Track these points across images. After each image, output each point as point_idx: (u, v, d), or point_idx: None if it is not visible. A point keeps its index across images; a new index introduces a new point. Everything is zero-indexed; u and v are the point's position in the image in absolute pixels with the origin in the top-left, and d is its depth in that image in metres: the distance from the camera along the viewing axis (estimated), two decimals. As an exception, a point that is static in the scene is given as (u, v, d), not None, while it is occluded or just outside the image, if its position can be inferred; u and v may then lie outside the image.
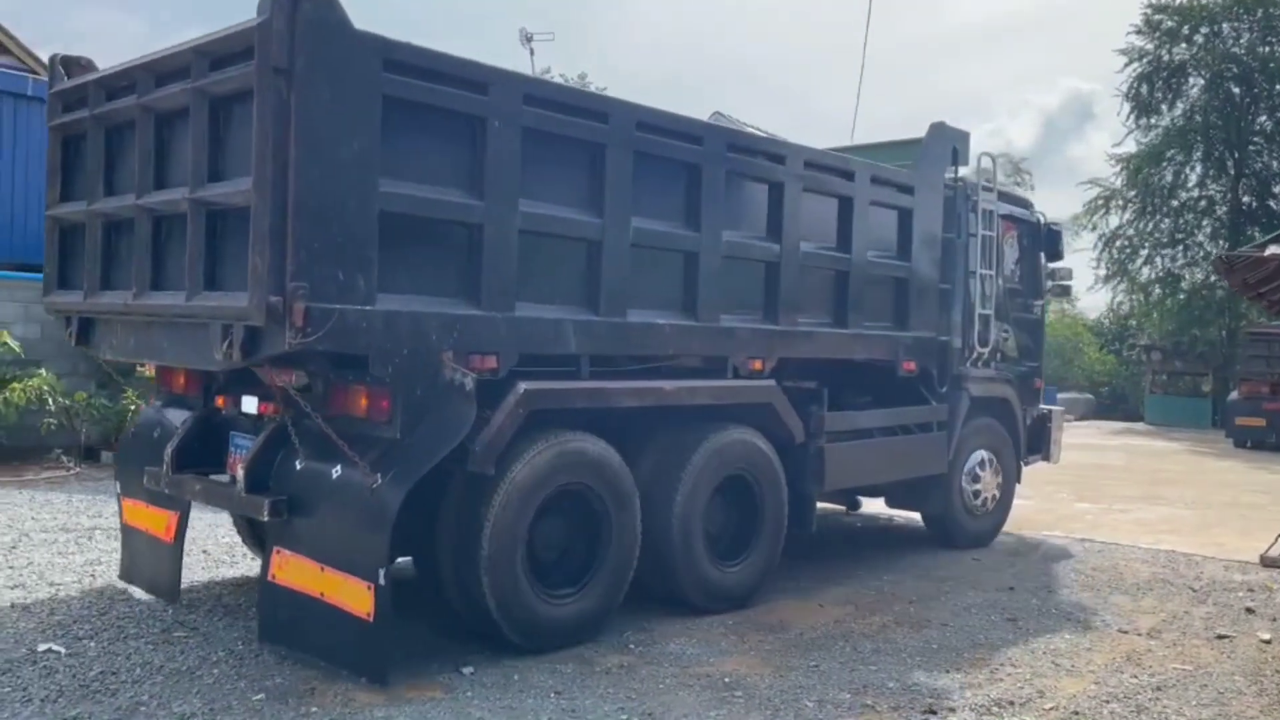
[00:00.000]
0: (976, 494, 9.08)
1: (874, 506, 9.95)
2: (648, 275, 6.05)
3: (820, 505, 7.81)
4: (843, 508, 9.82)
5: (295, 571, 5.08)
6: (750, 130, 9.10)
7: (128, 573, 6.54)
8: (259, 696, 4.75)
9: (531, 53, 27.77)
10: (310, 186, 4.49)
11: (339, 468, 4.99)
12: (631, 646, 5.74)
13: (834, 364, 7.68)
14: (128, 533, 6.51)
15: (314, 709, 4.60)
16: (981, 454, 9.14)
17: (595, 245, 5.74)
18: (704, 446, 6.44)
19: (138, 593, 6.44)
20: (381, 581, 4.67)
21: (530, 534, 5.48)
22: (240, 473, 5.30)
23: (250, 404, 5.46)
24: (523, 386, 5.37)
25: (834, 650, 5.88)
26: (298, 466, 5.17)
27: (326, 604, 4.90)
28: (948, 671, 5.58)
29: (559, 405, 5.59)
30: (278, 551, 5.17)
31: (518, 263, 5.32)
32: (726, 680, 5.25)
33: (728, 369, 6.71)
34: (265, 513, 5.05)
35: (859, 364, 7.94)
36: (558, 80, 25.10)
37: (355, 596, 4.77)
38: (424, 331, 4.96)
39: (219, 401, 5.76)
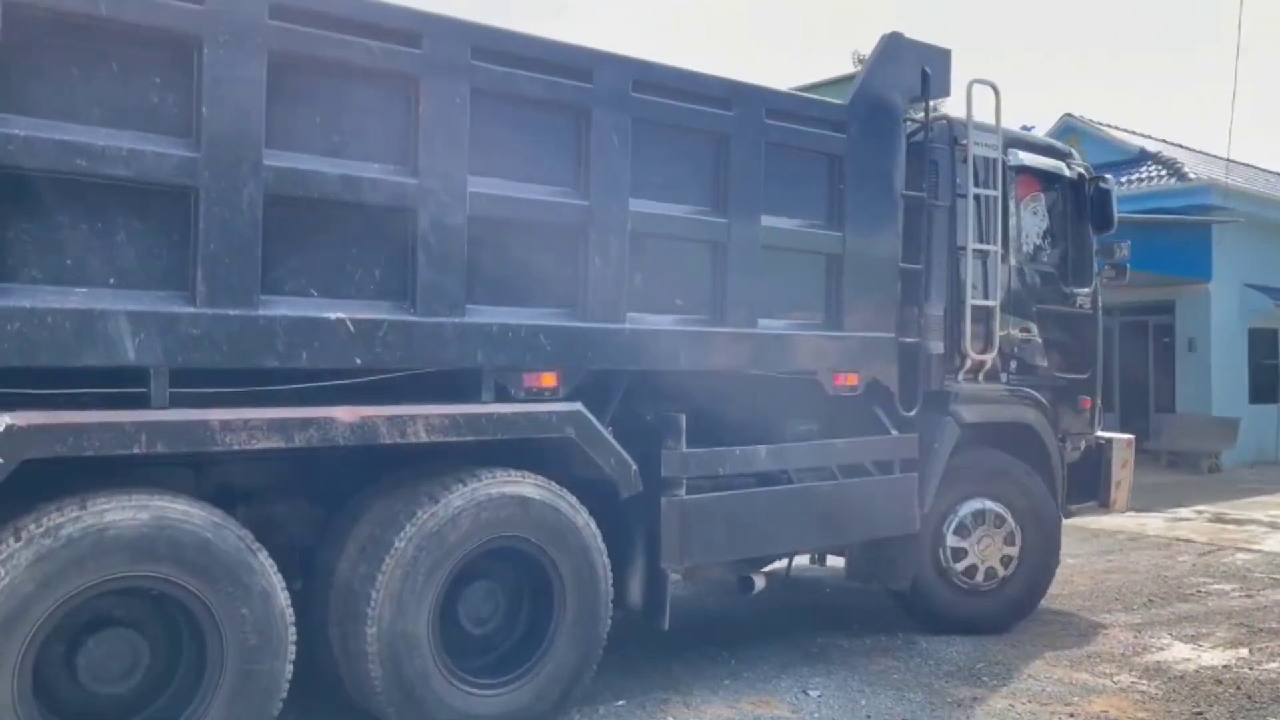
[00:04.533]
0: (964, 560, 6.40)
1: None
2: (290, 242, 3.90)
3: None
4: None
5: None
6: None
7: None
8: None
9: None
10: None
11: None
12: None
13: (720, 380, 5.30)
14: None
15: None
16: (978, 504, 6.45)
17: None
18: (431, 509, 4.19)
19: None
20: None
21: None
22: None
23: None
24: (5, 422, 3.27)
25: None
26: None
27: None
28: None
29: (78, 451, 3.44)
30: None
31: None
32: None
33: (481, 387, 4.42)
34: None
35: (769, 380, 5.50)
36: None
37: None
38: None
39: None
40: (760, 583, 5.67)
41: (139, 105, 3.60)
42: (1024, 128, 7.77)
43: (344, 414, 3.97)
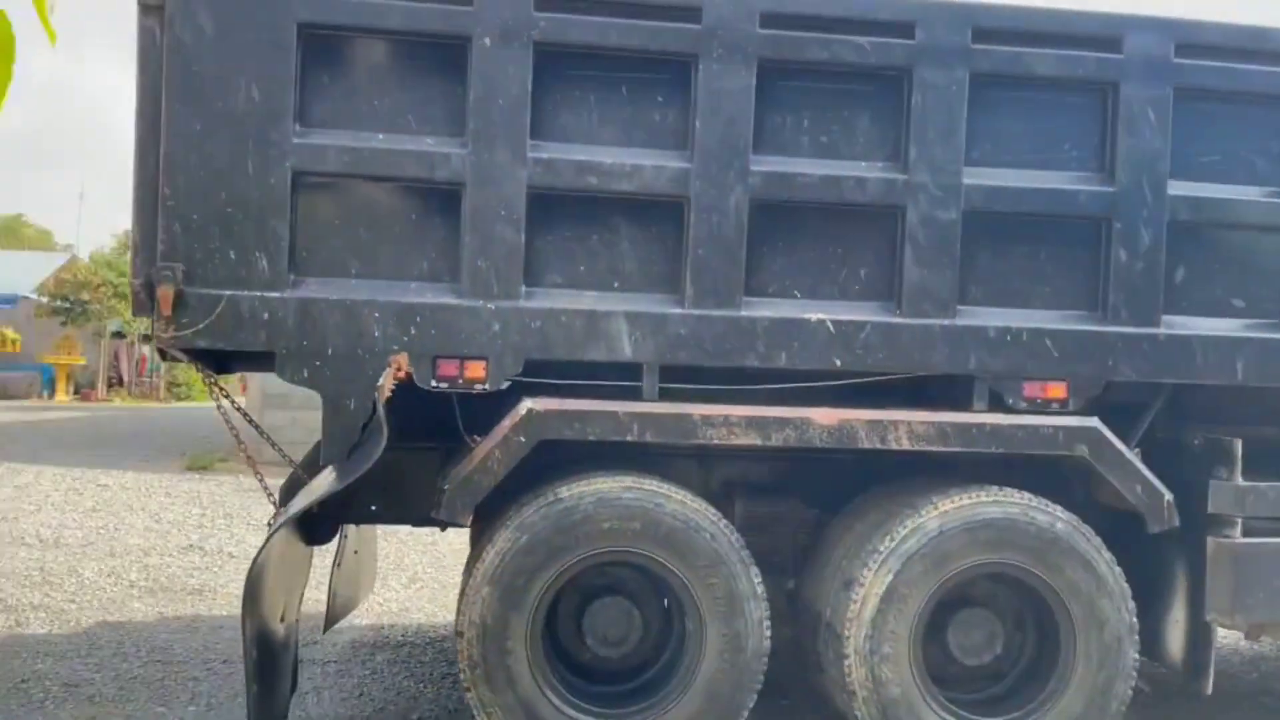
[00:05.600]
0: None
1: None
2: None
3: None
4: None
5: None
6: None
7: None
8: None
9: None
10: (186, 144, 3.66)
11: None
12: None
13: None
14: None
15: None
16: None
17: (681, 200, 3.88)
18: (911, 523, 3.97)
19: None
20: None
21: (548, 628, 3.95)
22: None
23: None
24: (527, 406, 3.80)
25: None
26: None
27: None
28: None
29: (582, 435, 3.83)
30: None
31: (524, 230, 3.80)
32: None
33: (974, 394, 4.06)
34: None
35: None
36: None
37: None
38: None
39: None
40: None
41: (641, 123, 3.93)
42: None
43: (822, 415, 3.94)
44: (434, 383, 3.81)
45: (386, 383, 3.68)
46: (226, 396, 4.21)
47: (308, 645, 5.44)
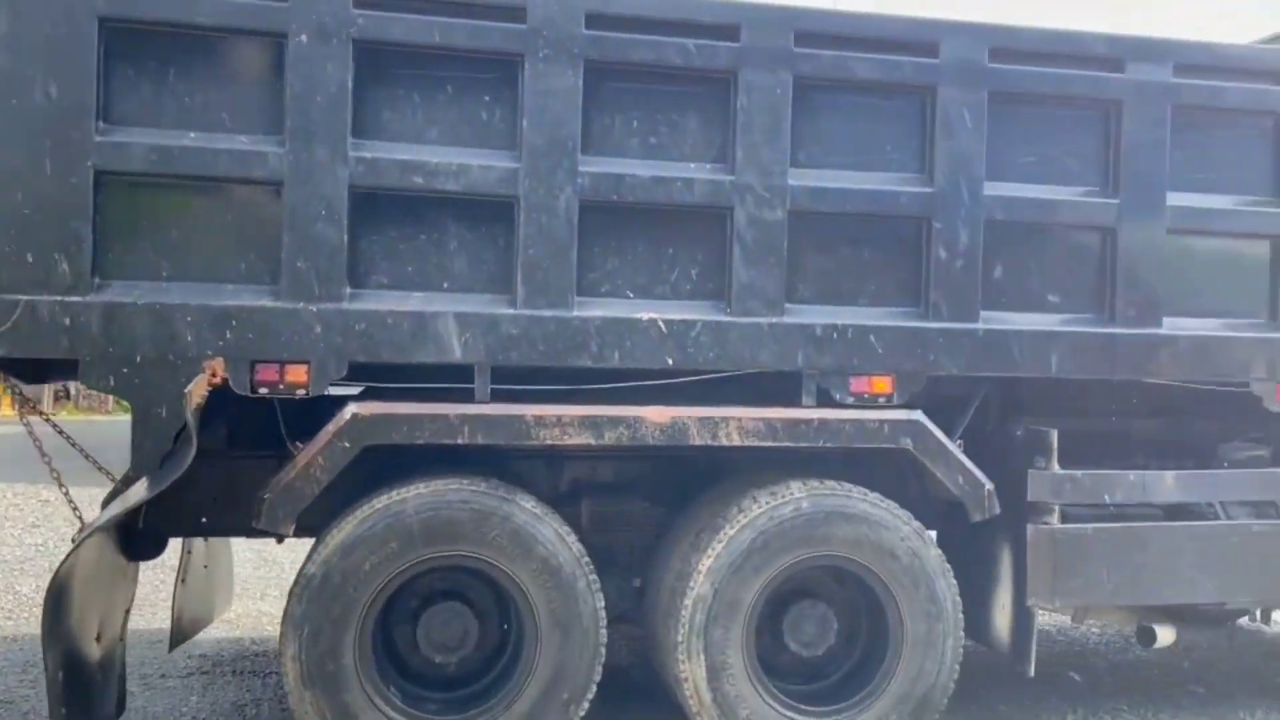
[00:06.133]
0: None
1: None
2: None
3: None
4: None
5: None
6: None
7: None
8: None
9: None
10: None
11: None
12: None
13: (1122, 392, 4.66)
14: None
15: None
16: None
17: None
18: (741, 519, 4.02)
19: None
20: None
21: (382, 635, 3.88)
22: None
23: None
24: (351, 410, 3.73)
25: None
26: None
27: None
28: None
29: (410, 439, 3.78)
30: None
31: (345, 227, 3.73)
32: None
33: (803, 391, 4.15)
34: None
35: (1191, 394, 4.57)
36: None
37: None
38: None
39: None
40: (1168, 636, 4.67)
41: (469, 123, 3.89)
42: None
43: (654, 414, 3.97)
44: (253, 388, 3.70)
45: (196, 389, 3.56)
46: (35, 409, 4.01)
47: (147, 663, 5.26)
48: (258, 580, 7.35)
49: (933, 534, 4.76)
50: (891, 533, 4.09)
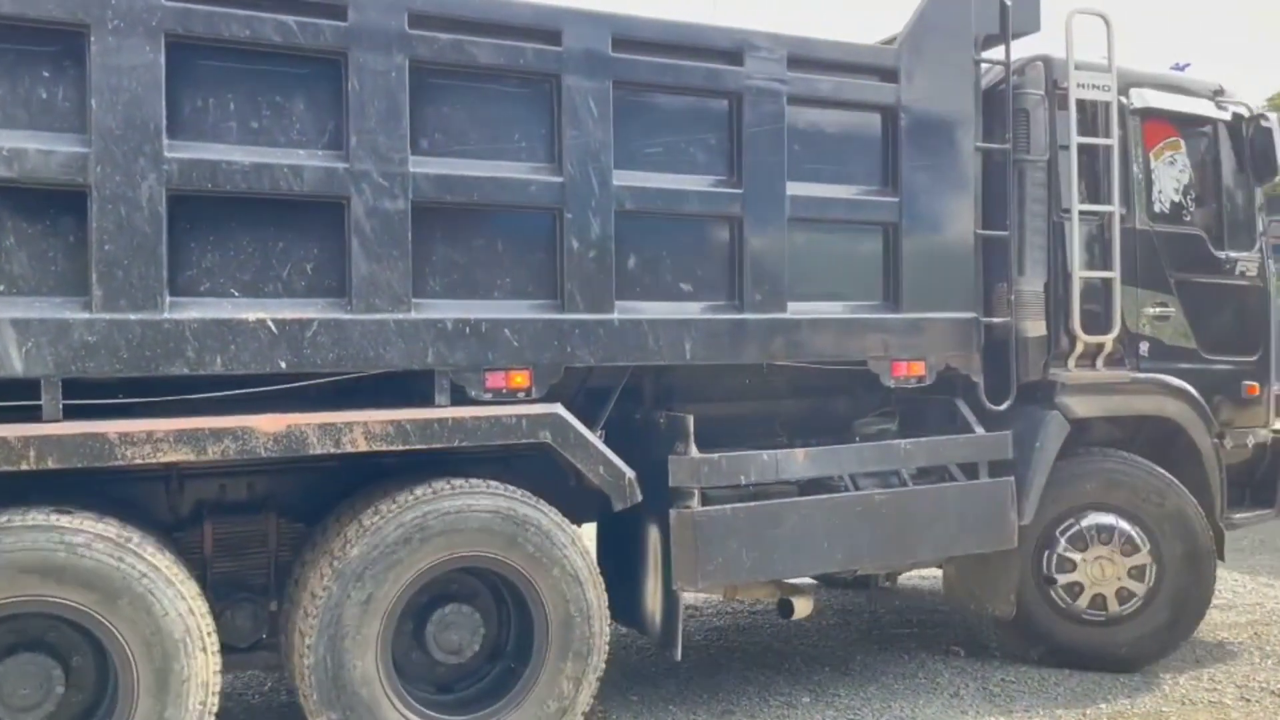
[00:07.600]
0: (1078, 589, 5.35)
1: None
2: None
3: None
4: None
5: None
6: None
7: None
8: None
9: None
10: None
11: None
12: None
13: (752, 375, 4.74)
14: None
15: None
16: (1097, 518, 5.37)
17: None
18: (368, 523, 3.79)
19: None
20: None
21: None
22: None
23: None
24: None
25: None
26: None
27: None
28: None
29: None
30: None
31: None
32: None
33: (436, 389, 3.97)
34: None
35: (816, 374, 4.81)
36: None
37: None
38: None
39: None
40: (805, 607, 4.92)
41: (24, 103, 3.39)
42: (1175, 67, 6.52)
43: (266, 423, 3.64)
44: None
45: None
46: None
47: None
48: None
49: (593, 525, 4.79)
50: (534, 531, 4.00)
